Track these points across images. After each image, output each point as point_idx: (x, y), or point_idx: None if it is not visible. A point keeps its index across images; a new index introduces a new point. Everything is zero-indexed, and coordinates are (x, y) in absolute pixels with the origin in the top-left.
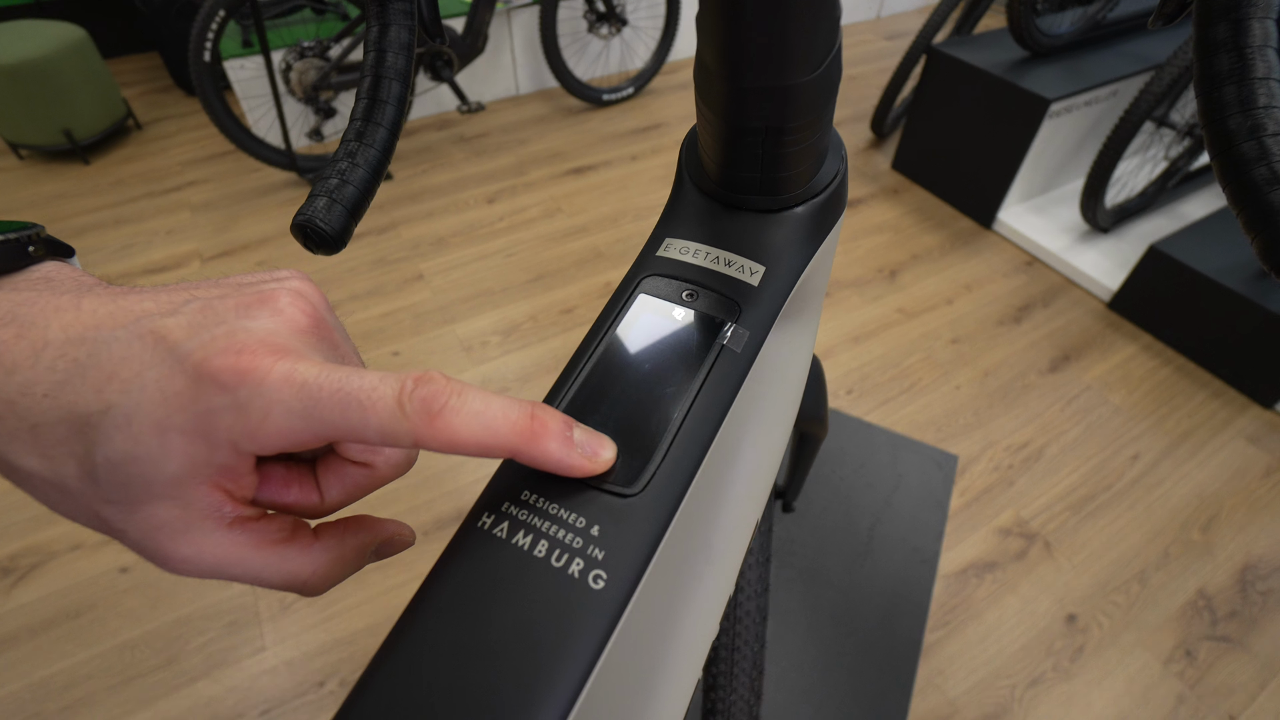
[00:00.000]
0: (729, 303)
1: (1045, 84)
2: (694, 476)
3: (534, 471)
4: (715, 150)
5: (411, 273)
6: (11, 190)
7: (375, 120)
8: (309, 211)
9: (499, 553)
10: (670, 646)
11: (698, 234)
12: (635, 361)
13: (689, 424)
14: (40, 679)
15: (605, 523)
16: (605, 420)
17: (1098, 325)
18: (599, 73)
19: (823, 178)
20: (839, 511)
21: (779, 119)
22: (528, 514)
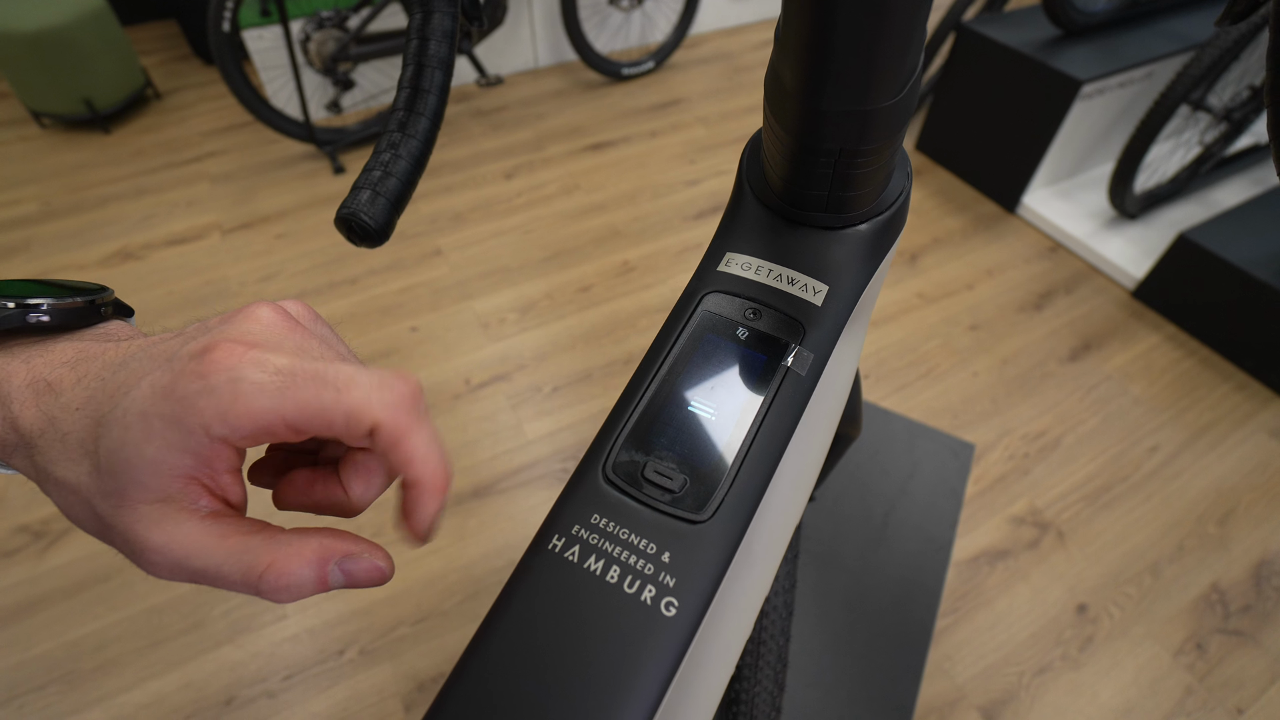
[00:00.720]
0: (793, 323)
1: (1077, 64)
2: (760, 502)
3: (601, 493)
4: (783, 167)
5: (430, 248)
6: (35, 159)
7: (418, 110)
8: (353, 205)
9: (572, 578)
10: (718, 652)
11: (760, 249)
12: (700, 383)
13: (755, 449)
14: (73, 639)
15: (676, 549)
16: (673, 444)
17: (1121, 314)
18: (619, 46)
19: (889, 195)
20: (855, 498)
21: (854, 142)
22: (598, 538)
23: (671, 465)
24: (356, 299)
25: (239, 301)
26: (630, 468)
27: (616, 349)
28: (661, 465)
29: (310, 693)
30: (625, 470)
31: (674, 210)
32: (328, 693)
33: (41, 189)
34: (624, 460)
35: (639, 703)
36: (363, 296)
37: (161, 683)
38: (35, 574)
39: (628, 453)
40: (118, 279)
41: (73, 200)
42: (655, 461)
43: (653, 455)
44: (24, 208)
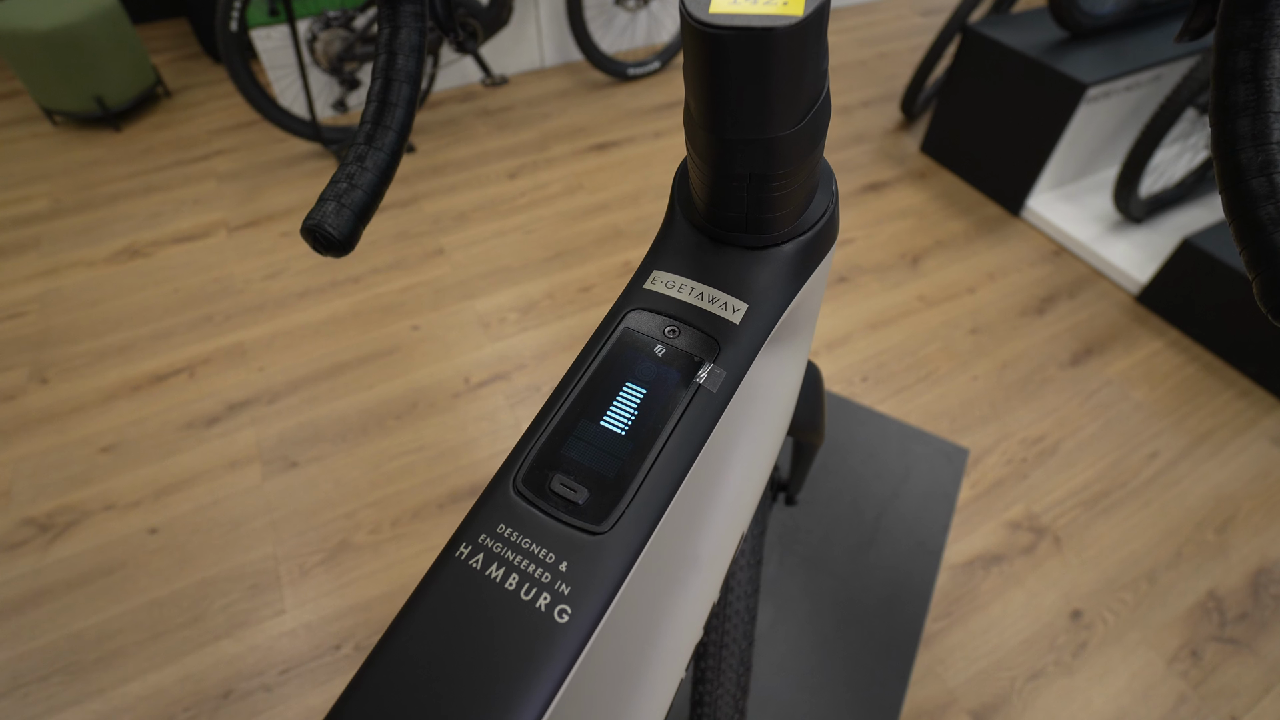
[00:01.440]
0: (709, 341)
1: (1083, 67)
2: (662, 515)
3: (509, 503)
4: (702, 190)
5: (432, 247)
6: (46, 157)
7: (384, 124)
8: (318, 216)
9: (473, 584)
10: (646, 659)
11: (684, 268)
12: (613, 399)
13: (660, 465)
14: (76, 630)
15: (574, 559)
16: (581, 457)
17: (1124, 319)
18: (624, 46)
19: (810, 216)
20: (845, 500)
21: (762, 167)
22: (502, 547)
23: (577, 478)
24: (359, 297)
25: (244, 299)
26: (539, 479)
27: None
28: (568, 478)
29: (306, 687)
30: (534, 482)
31: None
32: (324, 687)
33: (52, 186)
34: (533, 472)
35: (527, 707)
36: (365, 295)
37: (161, 675)
38: (40, 566)
39: (538, 465)
40: (125, 276)
41: (83, 197)
42: (562, 475)
43: (560, 468)
44: (35, 204)
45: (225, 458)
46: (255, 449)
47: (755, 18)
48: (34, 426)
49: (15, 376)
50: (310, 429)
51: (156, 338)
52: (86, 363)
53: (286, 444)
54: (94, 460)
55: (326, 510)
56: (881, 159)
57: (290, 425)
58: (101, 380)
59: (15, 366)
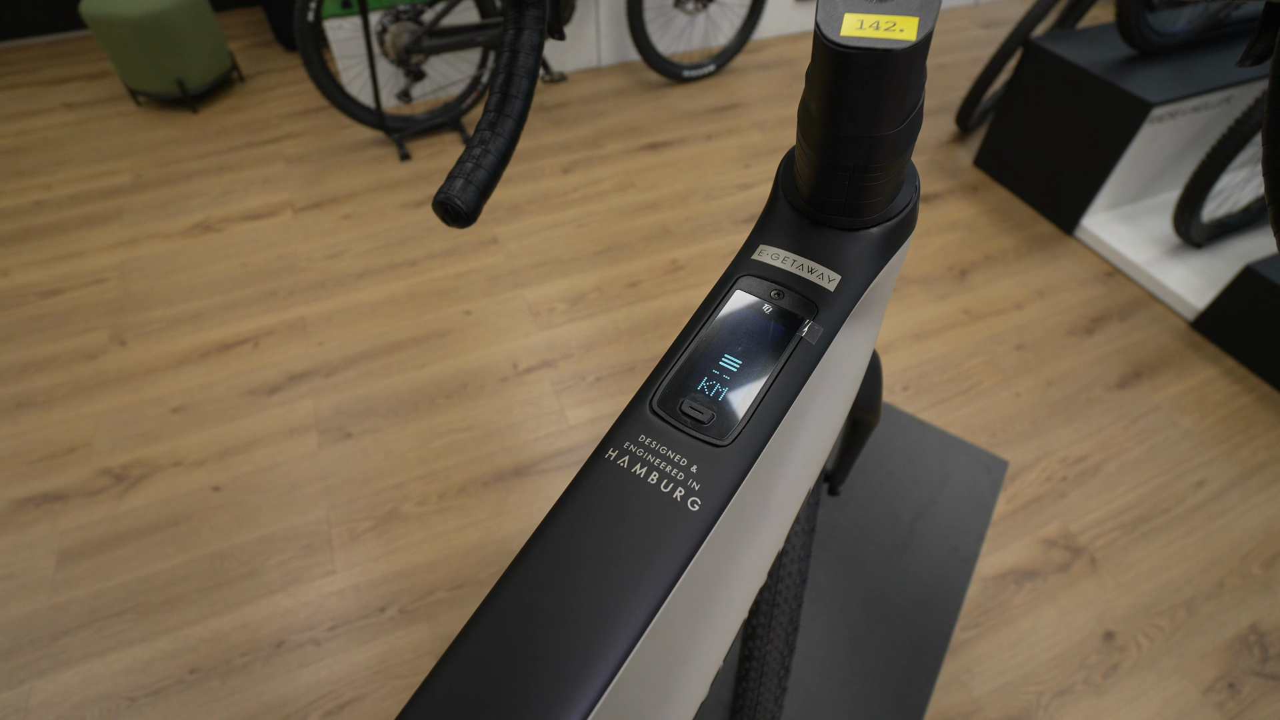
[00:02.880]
0: (808, 303)
1: (1149, 86)
2: (770, 437)
3: (647, 419)
4: (809, 178)
5: (487, 236)
6: (131, 134)
7: (506, 113)
8: (448, 190)
9: (623, 478)
10: (731, 577)
11: (787, 243)
12: (731, 343)
13: (770, 396)
14: (146, 574)
15: (703, 464)
16: (705, 387)
17: (1177, 344)
18: (682, 48)
19: (897, 204)
20: (882, 503)
21: (866, 161)
22: (644, 452)
23: (704, 403)
24: (415, 280)
25: (306, 276)
26: (672, 402)
27: (660, 345)
28: (695, 402)
29: (352, 644)
30: (668, 404)
31: (725, 213)
32: (368, 645)
33: (135, 162)
34: (667, 395)
35: (660, 576)
36: (421, 279)
37: (221, 621)
38: (115, 513)
39: (671, 390)
40: (197, 249)
41: (161, 173)
42: (691, 399)
43: (689, 394)
44: (119, 178)
45: (285, 425)
46: (313, 418)
47: (878, 40)
48: (113, 385)
49: (97, 338)
50: (365, 403)
51: (224, 308)
52: (161, 328)
53: (342, 415)
54: (165, 419)
55: (377, 480)
56: (934, 171)
57: (346, 398)
58: (174, 345)
59: (97, 328)
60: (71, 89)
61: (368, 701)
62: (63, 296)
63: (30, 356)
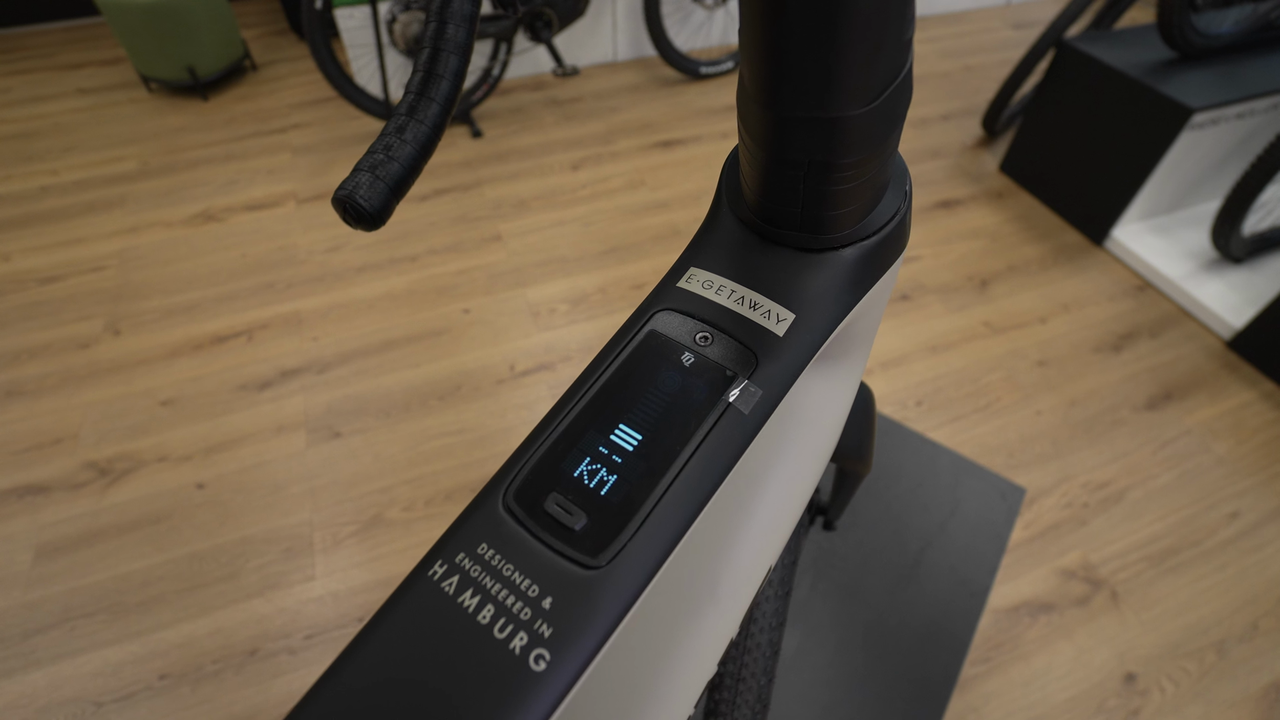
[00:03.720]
0: (745, 353)
1: (1190, 91)
2: (670, 552)
3: (495, 520)
4: (753, 179)
5: (490, 232)
6: (140, 120)
7: (429, 95)
8: (350, 187)
9: (443, 610)
10: (643, 707)
11: (726, 267)
12: (628, 412)
13: (674, 493)
14: (123, 573)
15: (560, 595)
16: (585, 476)
17: (1211, 364)
18: (699, 44)
19: (877, 217)
20: (888, 530)
21: (824, 153)
22: (481, 571)
23: (578, 499)
24: (415, 276)
25: (305, 270)
26: (532, 496)
27: None
28: (565, 498)
29: (328, 654)
30: (527, 498)
31: None
32: None
33: (142, 149)
34: (528, 487)
35: None
36: (421, 275)
37: (195, 626)
38: (97, 508)
39: (535, 479)
40: (198, 239)
41: (168, 161)
42: (560, 494)
43: (559, 486)
44: (125, 165)
45: (274, 422)
46: (302, 416)
47: None
48: (104, 375)
49: (92, 326)
50: (356, 401)
51: (221, 300)
52: (156, 319)
53: (332, 414)
54: (154, 412)
55: (364, 483)
56: (957, 175)
57: (337, 396)
58: (168, 336)
59: (93, 316)
60: (85, 75)
61: None
62: (61, 283)
63: (24, 344)
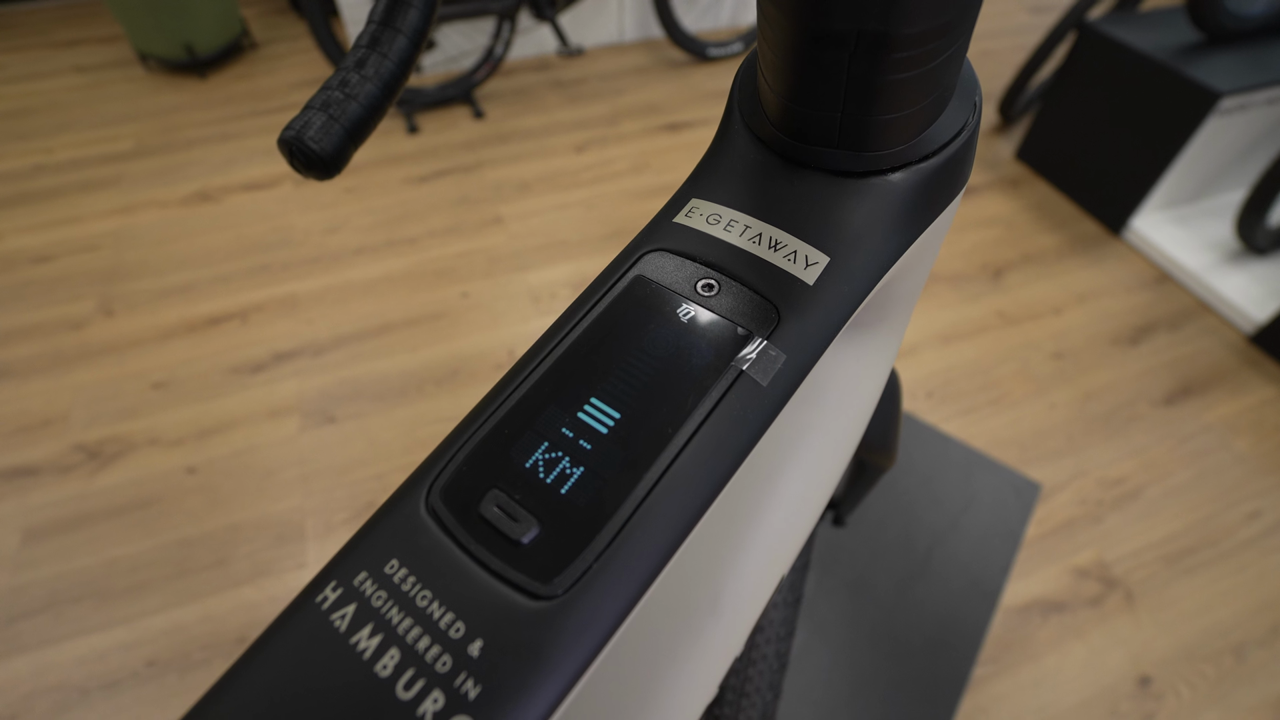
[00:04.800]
0: (765, 306)
1: (1218, 74)
2: (654, 577)
3: (414, 526)
4: (779, 73)
5: (491, 215)
6: (136, 99)
7: (394, 25)
8: (297, 127)
9: (329, 653)
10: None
11: (738, 198)
12: (605, 382)
13: (661, 493)
14: (111, 558)
15: (494, 638)
16: (540, 468)
17: (1232, 359)
18: (708, 26)
19: (940, 131)
20: (897, 525)
21: (881, 18)
22: (385, 599)
23: (525, 500)
24: (414, 259)
25: (301, 251)
26: (466, 495)
27: None
28: (510, 498)
29: None
30: (457, 498)
31: None
32: None
33: (138, 127)
34: (462, 482)
35: None
36: (420, 257)
37: (183, 612)
38: (86, 492)
39: (472, 471)
40: (193, 219)
41: (164, 140)
42: (503, 491)
43: (503, 481)
44: (121, 144)
45: (266, 406)
46: (296, 400)
47: None
48: (95, 356)
49: (84, 307)
50: (351, 386)
51: (215, 281)
52: (149, 300)
53: (327, 398)
54: (145, 395)
55: (358, 469)
56: None
57: (332, 380)
58: (161, 318)
59: (85, 297)
60: (82, 52)
61: None
62: (54, 263)
63: (14, 324)
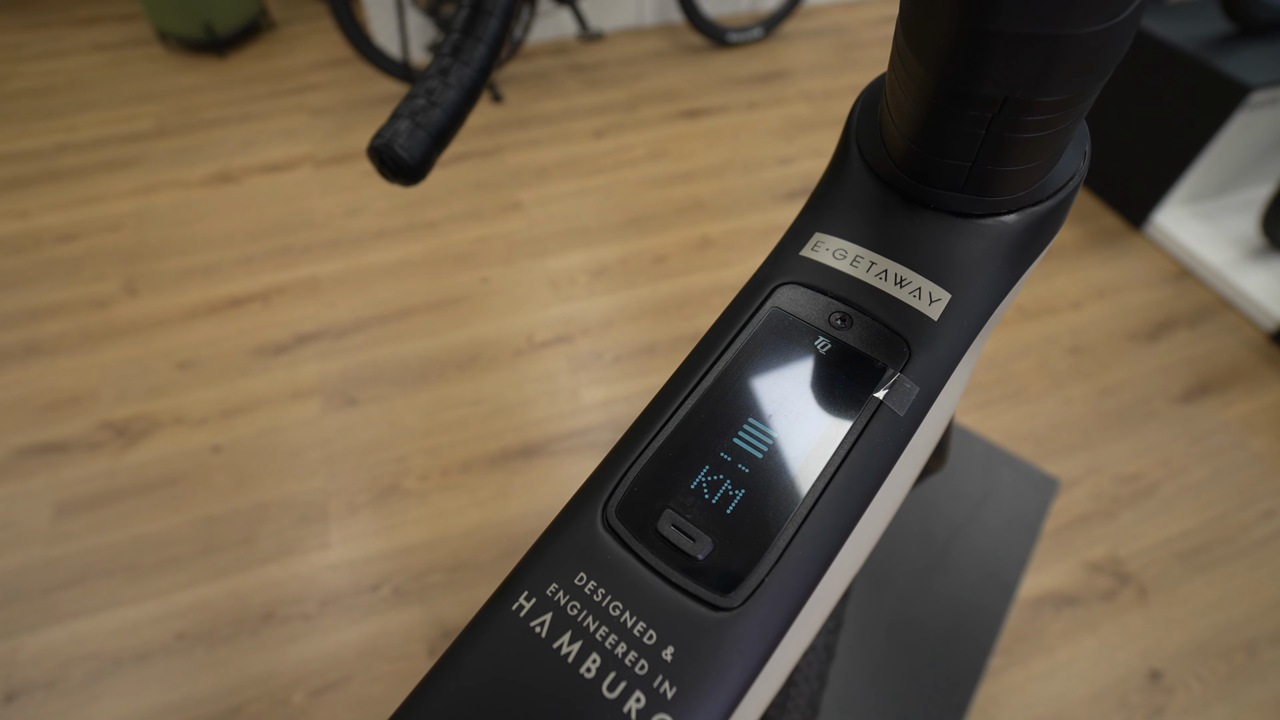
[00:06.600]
0: (895, 340)
1: (1249, 67)
2: (815, 586)
3: (595, 543)
4: (913, 122)
5: (510, 200)
6: (156, 79)
7: (476, 35)
8: (388, 135)
9: (534, 657)
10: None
11: (862, 234)
12: (754, 409)
13: (820, 513)
14: (140, 534)
15: (684, 644)
16: (704, 490)
17: (1252, 358)
18: (728, 10)
19: (1055, 178)
20: (916, 516)
21: (1031, 88)
22: (580, 608)
23: (698, 519)
24: (433, 243)
25: (322, 234)
26: (641, 514)
27: (685, 325)
28: (684, 518)
29: (343, 622)
30: (634, 517)
31: (763, 188)
32: (358, 625)
33: (159, 107)
34: (635, 502)
35: None
36: (439, 242)
37: (211, 588)
38: (115, 468)
39: (643, 491)
40: (214, 200)
41: (184, 120)
42: (676, 512)
43: (674, 501)
44: (142, 123)
45: (289, 387)
46: (318, 382)
47: None
48: (121, 335)
49: (109, 286)
50: (372, 369)
51: (237, 263)
52: (172, 280)
53: (348, 381)
54: (170, 374)
55: (380, 451)
56: None
57: (353, 363)
58: (184, 298)
59: (109, 277)
60: (102, 30)
61: (354, 684)
62: (78, 242)
63: (42, 302)
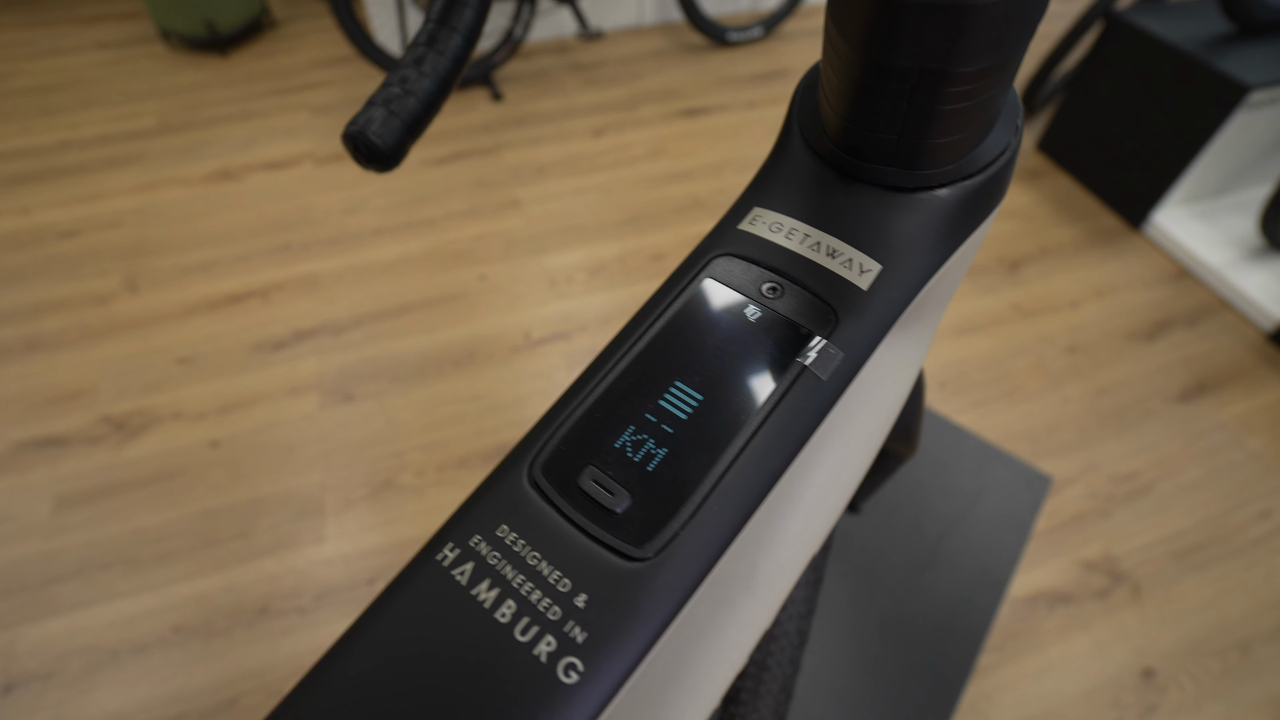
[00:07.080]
0: (823, 308)
1: (1248, 67)
2: (730, 543)
3: (519, 497)
4: (841, 98)
5: (509, 198)
6: (158, 77)
7: (450, 24)
8: (361, 122)
9: (453, 603)
10: (669, 705)
11: (798, 208)
12: (682, 373)
13: (736, 473)
14: (138, 527)
15: (597, 593)
16: (628, 448)
17: (1250, 358)
18: (728, 9)
19: (985, 152)
20: (908, 514)
21: (944, 58)
22: (500, 558)
23: (619, 477)
24: (431, 240)
25: (322, 231)
26: (564, 470)
27: None
28: (605, 474)
29: (338, 616)
30: (557, 473)
31: None
32: (353, 618)
33: (161, 105)
34: (559, 460)
35: None
36: (438, 239)
37: (207, 582)
38: (113, 462)
39: (568, 450)
40: (215, 197)
41: (186, 118)
42: (598, 468)
43: (597, 459)
44: (143, 121)
45: (287, 383)
46: (316, 378)
47: None
48: (121, 331)
49: (110, 282)
50: (370, 365)
51: (237, 259)
52: (172, 276)
53: (346, 377)
54: (169, 370)
55: (376, 447)
56: None
57: (351, 359)
58: (184, 294)
59: (110, 273)
60: (104, 28)
61: None
62: (79, 239)
63: (43, 297)
